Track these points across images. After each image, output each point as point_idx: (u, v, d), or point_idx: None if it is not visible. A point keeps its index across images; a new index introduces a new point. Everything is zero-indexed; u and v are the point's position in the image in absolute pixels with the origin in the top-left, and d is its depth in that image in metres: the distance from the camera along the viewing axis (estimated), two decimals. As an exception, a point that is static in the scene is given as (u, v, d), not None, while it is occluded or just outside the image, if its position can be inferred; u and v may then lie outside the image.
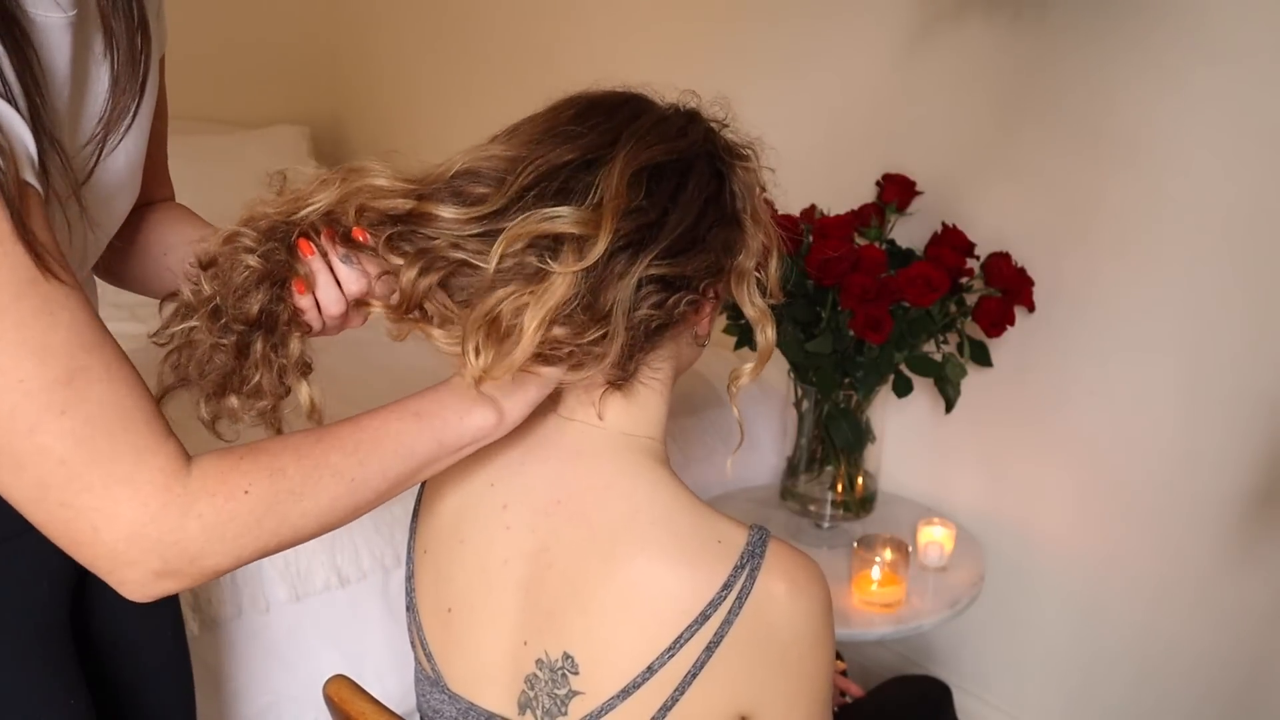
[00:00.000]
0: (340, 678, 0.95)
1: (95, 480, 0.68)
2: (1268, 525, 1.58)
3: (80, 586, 0.97)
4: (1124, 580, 1.77)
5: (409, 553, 0.96)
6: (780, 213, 1.72)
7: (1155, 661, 1.75)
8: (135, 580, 0.71)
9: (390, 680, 1.59)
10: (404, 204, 0.76)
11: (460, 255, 0.76)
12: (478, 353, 0.74)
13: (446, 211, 0.76)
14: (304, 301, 0.80)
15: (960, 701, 1.56)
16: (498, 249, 0.74)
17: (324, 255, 0.80)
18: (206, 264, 0.78)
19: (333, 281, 0.81)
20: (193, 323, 0.79)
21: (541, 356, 0.76)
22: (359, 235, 0.78)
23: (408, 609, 0.95)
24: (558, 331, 0.75)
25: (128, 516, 0.68)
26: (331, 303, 0.81)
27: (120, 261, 0.99)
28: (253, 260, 0.77)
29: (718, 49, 2.21)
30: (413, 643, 0.95)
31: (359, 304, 0.82)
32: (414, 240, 0.77)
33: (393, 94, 3.31)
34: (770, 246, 0.86)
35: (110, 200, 0.86)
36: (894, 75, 1.91)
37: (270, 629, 1.56)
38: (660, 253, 0.77)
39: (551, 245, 0.75)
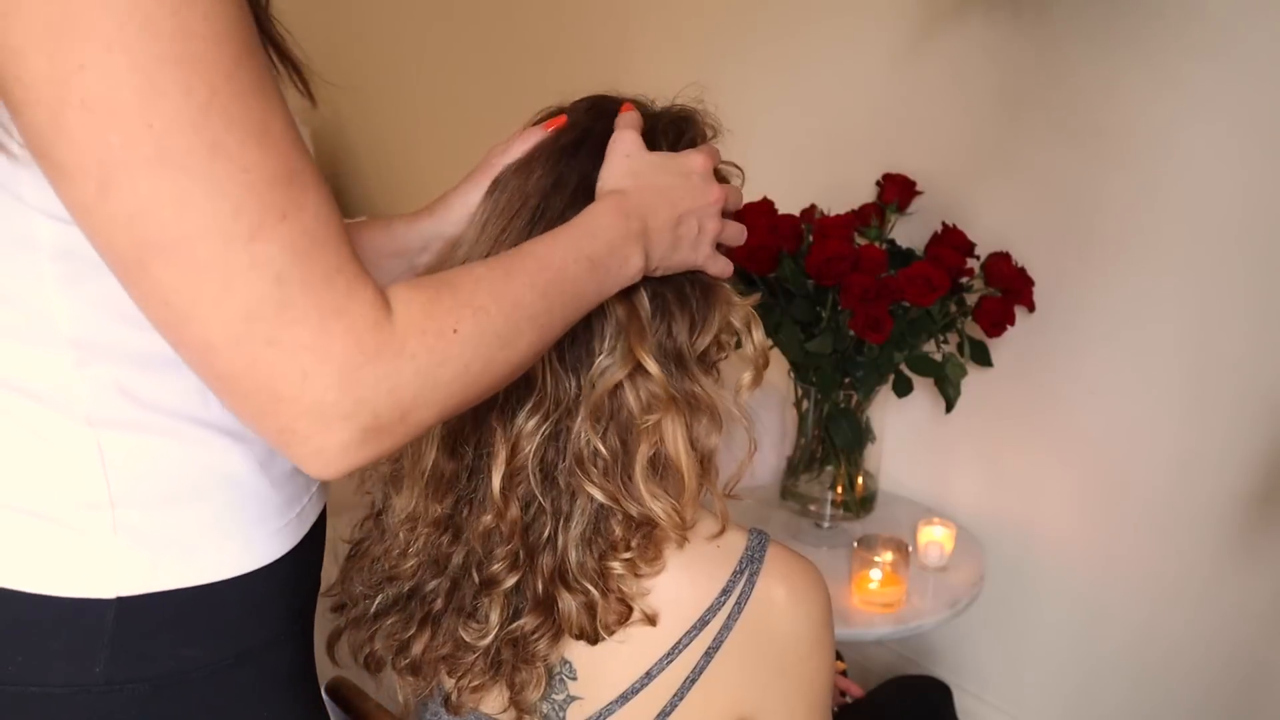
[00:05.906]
0: (341, 678, 0.95)
1: (310, 309, 0.53)
2: (1270, 526, 1.58)
3: None
4: (1125, 580, 1.77)
5: None
6: (780, 212, 1.72)
7: (1156, 661, 1.75)
8: (336, 445, 0.55)
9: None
10: None
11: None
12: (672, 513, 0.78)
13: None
14: None
15: (960, 701, 1.56)
16: (594, 442, 0.76)
17: None
18: None
19: None
20: None
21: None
22: None
23: None
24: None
25: (342, 357, 0.53)
26: None
27: None
28: None
29: (717, 49, 2.21)
30: (412, 646, 0.94)
31: None
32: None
33: (392, 93, 3.30)
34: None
35: None
36: (894, 75, 1.91)
37: (270, 629, 1.55)
38: (687, 327, 0.79)
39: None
